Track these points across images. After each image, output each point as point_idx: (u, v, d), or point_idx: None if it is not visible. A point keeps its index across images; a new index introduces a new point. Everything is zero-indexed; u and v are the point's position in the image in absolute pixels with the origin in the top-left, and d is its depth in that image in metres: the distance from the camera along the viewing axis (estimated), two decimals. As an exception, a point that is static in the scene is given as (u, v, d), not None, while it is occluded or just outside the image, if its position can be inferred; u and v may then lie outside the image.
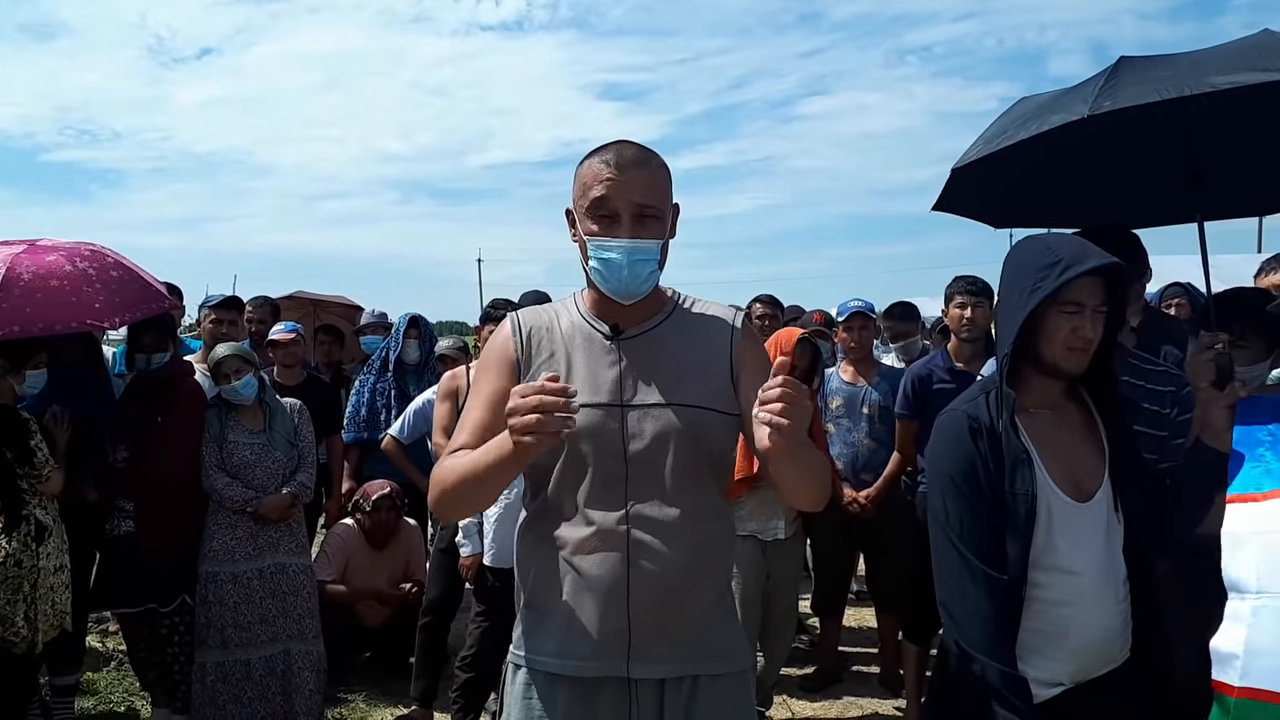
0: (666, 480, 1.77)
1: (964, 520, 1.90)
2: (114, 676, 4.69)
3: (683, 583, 1.77)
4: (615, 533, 1.75)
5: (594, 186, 1.76)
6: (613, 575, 1.74)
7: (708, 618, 1.83)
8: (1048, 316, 1.88)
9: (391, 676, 4.71)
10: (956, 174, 2.95)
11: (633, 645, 1.75)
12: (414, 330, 5.43)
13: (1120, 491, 1.96)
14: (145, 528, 3.87)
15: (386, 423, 5.14)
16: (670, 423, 1.77)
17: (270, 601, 3.95)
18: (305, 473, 4.13)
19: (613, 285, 1.78)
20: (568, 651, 1.79)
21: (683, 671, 1.79)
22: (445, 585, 4.21)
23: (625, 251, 1.75)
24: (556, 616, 1.80)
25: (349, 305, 8.17)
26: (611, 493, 1.77)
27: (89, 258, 3.75)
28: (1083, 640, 1.90)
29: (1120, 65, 2.50)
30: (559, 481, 1.80)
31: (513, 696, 1.86)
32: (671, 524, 1.76)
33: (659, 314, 1.88)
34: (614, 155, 1.78)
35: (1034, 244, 1.98)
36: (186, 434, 3.94)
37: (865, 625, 5.43)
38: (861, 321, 4.69)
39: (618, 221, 1.75)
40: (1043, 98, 2.76)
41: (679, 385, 1.80)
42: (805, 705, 4.53)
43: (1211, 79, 2.27)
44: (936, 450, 2.01)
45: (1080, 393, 2.04)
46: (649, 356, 1.82)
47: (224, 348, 4.06)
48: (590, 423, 1.76)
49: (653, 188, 1.78)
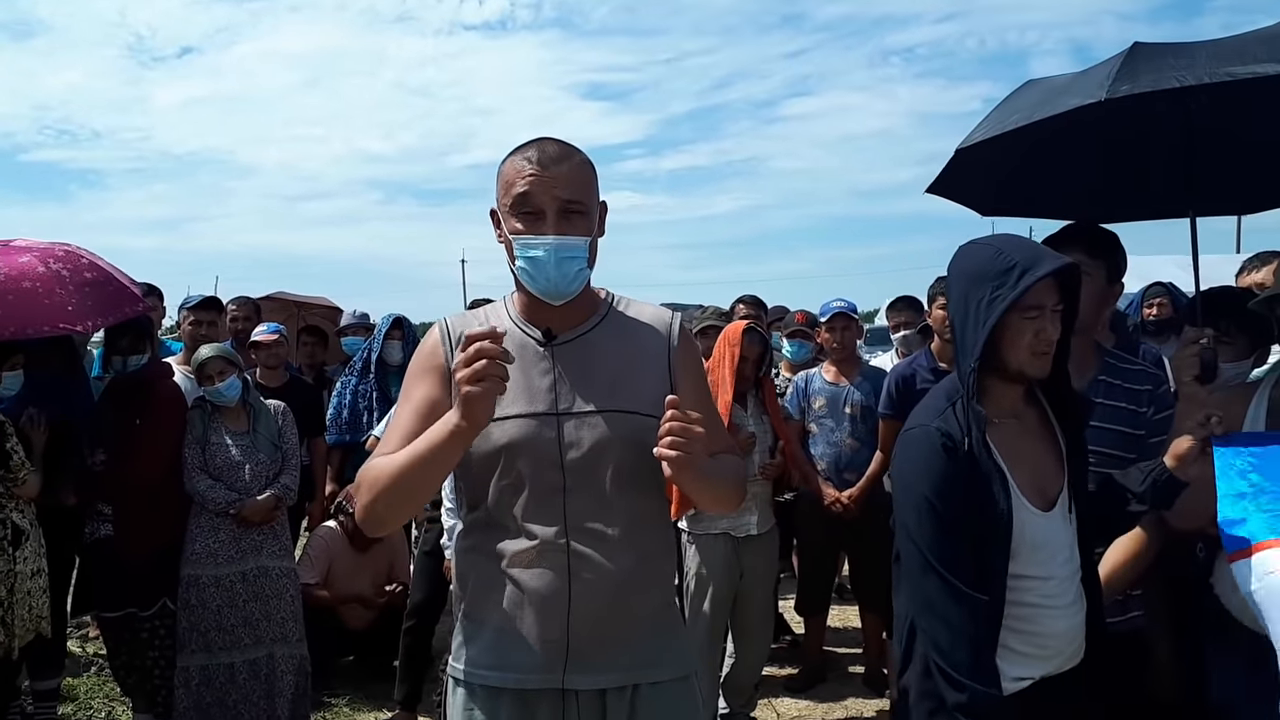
0: (606, 489, 1.74)
1: (942, 540, 1.87)
2: (94, 682, 4.65)
3: (624, 592, 1.74)
4: (554, 545, 1.72)
5: (516, 183, 1.72)
6: (552, 587, 1.71)
7: (650, 625, 1.81)
8: (1009, 323, 1.84)
9: (375, 680, 4.69)
10: (961, 154, 2.90)
11: (570, 656, 1.72)
12: (397, 331, 5.40)
13: (1074, 494, 1.96)
14: (124, 531, 3.83)
15: (369, 424, 5.12)
16: (608, 430, 1.74)
17: (253, 604, 3.93)
18: (289, 475, 4.11)
19: (540, 285, 1.74)
20: (507, 664, 1.75)
21: (624, 681, 1.76)
22: (429, 588, 4.19)
23: (551, 249, 1.70)
24: (495, 628, 1.77)
25: (330, 307, 8.13)
26: (549, 504, 1.73)
27: (63, 259, 3.71)
28: (1054, 637, 1.92)
29: (1136, 51, 2.47)
30: (496, 493, 1.76)
31: (454, 709, 1.83)
32: (612, 533, 1.73)
33: (592, 317, 1.84)
34: (536, 152, 1.73)
35: (982, 250, 1.92)
36: (165, 436, 3.91)
37: (850, 625, 5.44)
38: (844, 322, 4.71)
39: (542, 219, 1.71)
40: (1054, 81, 2.73)
41: (616, 392, 1.76)
42: (790, 705, 4.53)
43: (1229, 68, 2.24)
44: (908, 468, 1.95)
45: (1037, 396, 2.03)
46: (584, 362, 1.78)
47: (207, 349, 4.03)
48: (526, 433, 1.73)
49: (577, 183, 1.74)
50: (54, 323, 3.50)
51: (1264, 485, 1.87)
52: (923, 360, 4.22)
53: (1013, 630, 1.89)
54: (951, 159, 2.96)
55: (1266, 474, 1.88)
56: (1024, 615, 1.89)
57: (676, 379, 1.82)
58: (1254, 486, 1.87)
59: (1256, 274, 3.72)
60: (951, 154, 2.96)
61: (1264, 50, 2.28)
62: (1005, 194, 3.31)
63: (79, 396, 4.09)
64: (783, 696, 4.62)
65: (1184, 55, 2.39)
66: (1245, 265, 3.86)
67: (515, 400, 1.73)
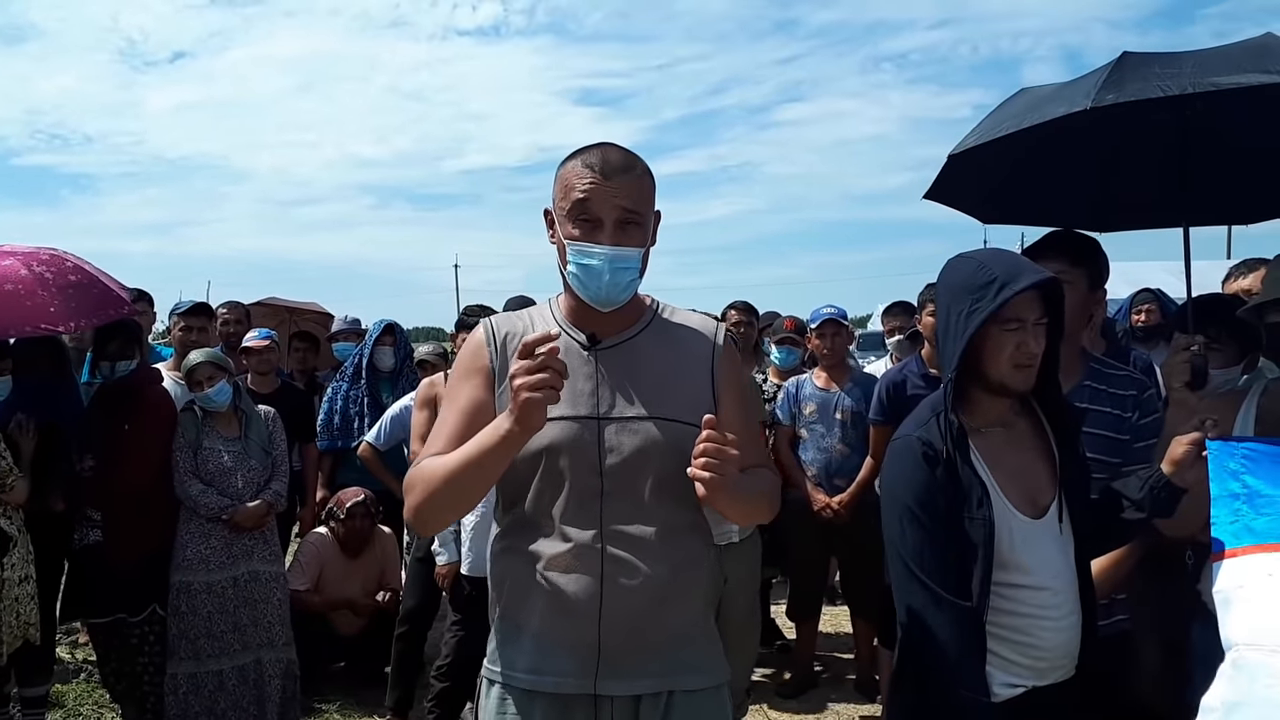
0: (644, 495, 1.74)
1: (925, 549, 1.88)
2: (83, 689, 4.62)
3: (660, 599, 1.74)
4: (591, 549, 1.72)
5: (576, 189, 1.72)
6: (587, 592, 1.71)
7: (685, 632, 1.81)
8: (990, 336, 1.86)
9: (366, 686, 4.67)
10: (953, 160, 2.92)
11: (603, 662, 1.73)
12: (389, 337, 5.39)
13: (1069, 503, 1.97)
14: (113, 537, 3.83)
15: (360, 430, 5.11)
16: (648, 436, 1.74)
17: (243, 610, 3.93)
18: (279, 481, 4.11)
19: (592, 292, 1.74)
20: (543, 668, 1.76)
21: (659, 688, 1.76)
22: (421, 594, 4.18)
23: (606, 259, 1.70)
24: (531, 631, 1.77)
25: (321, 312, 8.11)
26: (587, 508, 1.73)
27: (46, 262, 3.71)
28: (1049, 650, 1.91)
29: (1124, 60, 2.49)
30: (535, 495, 1.76)
31: (487, 712, 1.83)
32: (648, 539, 1.73)
33: (638, 323, 1.85)
34: (598, 159, 1.73)
35: (966, 264, 1.94)
36: (153, 442, 3.90)
37: (842, 630, 5.45)
38: (834, 328, 4.72)
39: (600, 228, 1.71)
40: (1044, 90, 2.74)
41: (658, 398, 1.77)
42: (781, 711, 4.53)
43: (1214, 78, 2.26)
44: (892, 478, 1.97)
45: (1031, 404, 2.03)
46: (628, 367, 1.79)
47: (198, 354, 4.02)
48: (566, 436, 1.73)
49: (636, 194, 1.73)
50: (36, 324, 3.50)
51: (1258, 488, 1.88)
52: (914, 366, 4.24)
53: (1006, 640, 1.89)
54: (945, 164, 2.97)
55: (1259, 476, 1.89)
56: (1019, 626, 1.89)
57: (719, 388, 1.83)
58: (1247, 489, 1.88)
59: (1243, 280, 3.74)
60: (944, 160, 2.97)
61: (1250, 61, 2.30)
62: (1004, 202, 3.32)
63: (68, 402, 4.08)
64: (774, 702, 4.61)
65: (1171, 65, 2.41)
66: (1232, 272, 3.89)
67: (558, 403, 1.73)
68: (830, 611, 5.55)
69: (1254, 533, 1.83)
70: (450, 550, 3.82)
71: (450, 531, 3.82)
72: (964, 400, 1.94)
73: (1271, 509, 1.84)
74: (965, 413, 1.94)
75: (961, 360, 1.88)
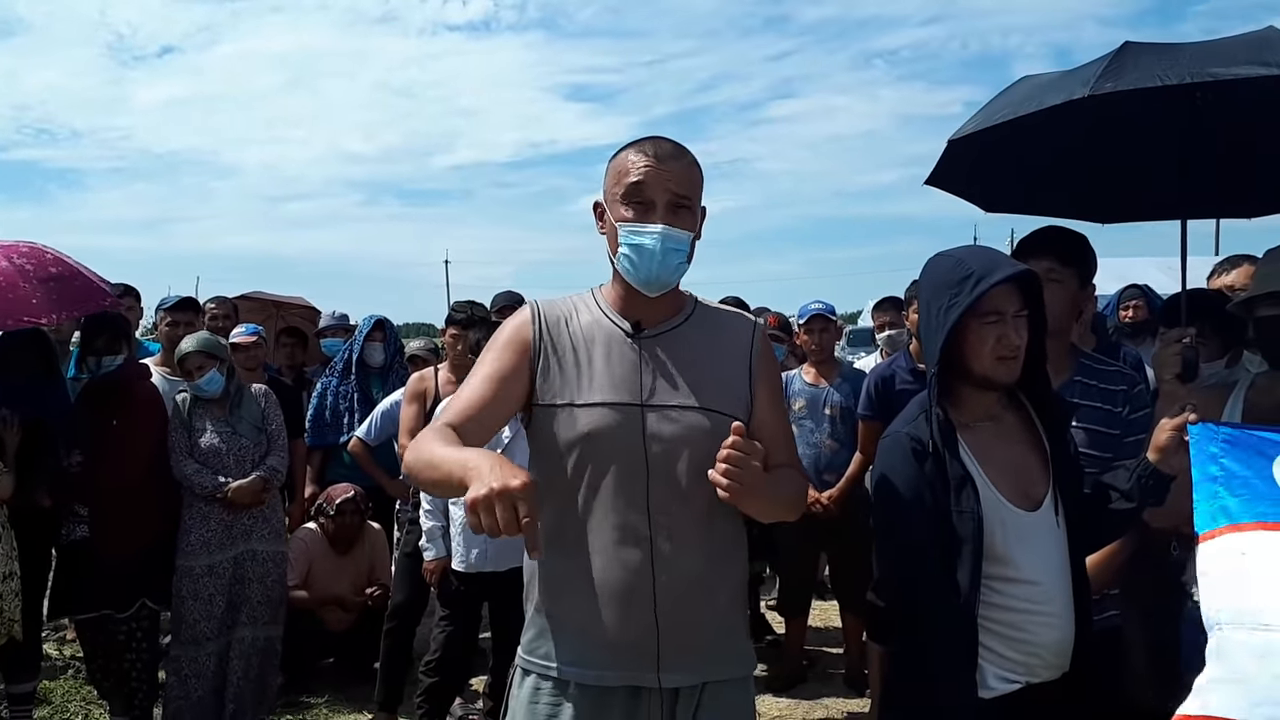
0: (684, 484, 1.74)
1: (915, 544, 1.90)
2: (71, 685, 4.61)
3: (699, 588, 1.75)
4: (637, 536, 1.73)
5: (630, 173, 1.77)
6: (634, 582, 1.72)
7: (723, 621, 1.82)
8: (970, 330, 1.88)
9: (355, 682, 4.66)
10: (953, 145, 2.90)
11: (647, 654, 1.73)
12: (379, 333, 5.38)
13: (1062, 497, 1.97)
14: (100, 532, 3.82)
15: (350, 426, 5.10)
16: (691, 425, 1.75)
17: (239, 587, 3.97)
18: (275, 457, 4.10)
19: (643, 274, 1.76)
20: (585, 660, 1.75)
21: (696, 680, 1.77)
22: (410, 590, 4.17)
23: (659, 238, 1.74)
24: (573, 623, 1.77)
25: (308, 307, 8.08)
26: (632, 495, 1.74)
27: (26, 255, 3.69)
28: (1043, 648, 1.90)
29: (1125, 49, 2.49)
30: (576, 481, 1.76)
31: (519, 701, 1.83)
32: (692, 530, 1.74)
33: (680, 313, 1.87)
34: (652, 146, 1.79)
35: (944, 261, 1.96)
36: (142, 438, 3.89)
37: (832, 625, 5.46)
38: (822, 324, 4.73)
39: (653, 209, 1.75)
40: (1045, 77, 2.74)
41: (700, 388, 1.78)
42: (771, 705, 4.54)
43: (1213, 69, 2.27)
44: (883, 474, 1.98)
45: (1020, 399, 2.04)
46: (671, 356, 1.81)
47: (189, 341, 4.02)
48: (609, 422, 1.74)
49: (687, 180, 1.79)
50: (18, 316, 3.48)
51: (1234, 470, 1.90)
52: (902, 361, 4.25)
53: (1000, 636, 1.89)
54: (945, 150, 2.96)
55: (1235, 458, 1.91)
56: (1013, 622, 1.89)
57: (755, 384, 1.84)
58: (1225, 471, 1.90)
59: (1227, 276, 3.76)
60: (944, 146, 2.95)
61: (1250, 53, 2.29)
62: (1003, 189, 3.30)
63: (54, 398, 4.05)
64: (765, 696, 4.62)
65: (1169, 55, 2.41)
66: (1216, 268, 3.91)
67: (601, 388, 1.75)
68: (819, 606, 5.56)
69: (1228, 513, 1.85)
70: (439, 546, 3.82)
71: (438, 526, 3.82)
72: (951, 396, 1.95)
73: (1246, 490, 1.86)
74: (953, 408, 1.95)
75: (944, 355, 1.89)
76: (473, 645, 4.06)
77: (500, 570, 3.58)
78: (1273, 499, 1.82)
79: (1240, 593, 1.77)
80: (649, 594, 1.72)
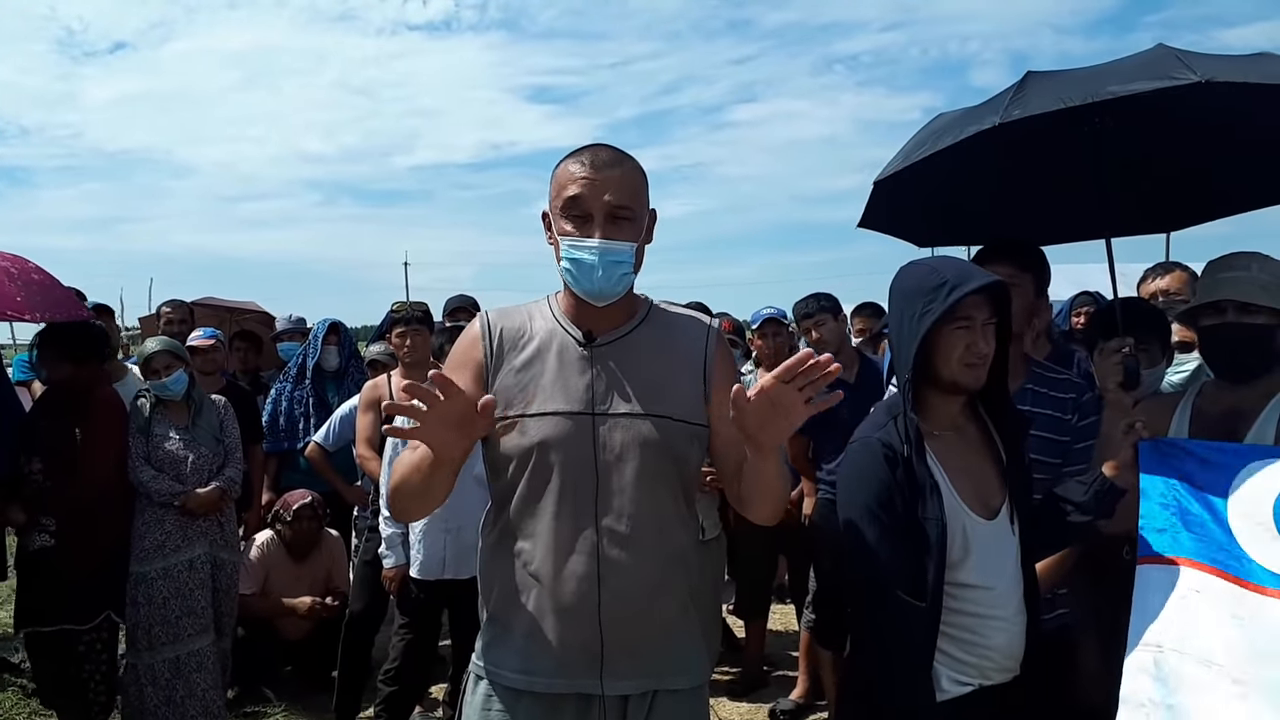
0: (636, 491, 1.75)
1: (882, 549, 1.92)
2: (16, 697, 4.50)
3: (651, 596, 1.76)
4: (584, 545, 1.73)
5: (568, 187, 1.75)
6: (581, 590, 1.73)
7: (674, 630, 1.82)
8: (941, 336, 1.93)
9: (312, 691, 4.61)
10: (878, 187, 2.99)
11: (593, 662, 1.74)
12: (334, 336, 5.33)
13: (1015, 506, 2.02)
14: (63, 544, 3.75)
15: (305, 431, 5.05)
16: (642, 433, 1.76)
17: (199, 593, 3.93)
18: (233, 468, 4.11)
19: (585, 286, 1.76)
20: (533, 668, 1.77)
21: (646, 687, 1.78)
22: (368, 597, 4.14)
23: (597, 252, 1.73)
24: (522, 630, 1.78)
25: (262, 312, 8.00)
26: (581, 504, 1.74)
27: (11, 260, 3.81)
28: (995, 650, 1.96)
29: (1028, 78, 2.59)
30: (527, 491, 1.77)
31: (472, 707, 1.84)
32: (641, 538, 1.75)
33: (632, 319, 1.86)
34: (589, 155, 1.77)
35: (918, 269, 2.01)
36: (105, 447, 3.85)
37: (790, 629, 5.49)
38: (774, 328, 4.76)
39: (590, 222, 1.74)
40: (959, 112, 2.83)
41: (652, 396, 1.78)
42: (731, 709, 4.57)
43: (1110, 87, 2.36)
44: (851, 479, 2.01)
45: (978, 410, 2.10)
46: (622, 364, 1.80)
47: (153, 343, 4.05)
48: (561, 431, 1.75)
49: (626, 189, 1.76)
50: (3, 310, 3.58)
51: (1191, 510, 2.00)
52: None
53: (954, 639, 1.93)
54: (871, 193, 3.04)
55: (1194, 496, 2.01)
56: (967, 625, 1.94)
57: (712, 386, 1.84)
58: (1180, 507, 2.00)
59: (1160, 281, 3.87)
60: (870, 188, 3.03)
61: (1142, 71, 2.39)
62: (934, 224, 3.41)
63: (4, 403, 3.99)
64: (724, 700, 4.64)
65: (1070, 79, 2.51)
66: (1146, 274, 4.01)
67: (552, 397, 1.75)
68: (778, 610, 5.60)
69: (1183, 547, 1.95)
70: (398, 553, 3.79)
71: (398, 534, 3.79)
72: (918, 403, 1.99)
73: (1200, 529, 1.95)
74: (920, 415, 1.98)
75: (915, 362, 1.93)
76: (432, 653, 4.03)
77: (460, 578, 3.56)
78: (1230, 551, 1.90)
79: (1190, 625, 1.84)
80: (594, 601, 1.73)
